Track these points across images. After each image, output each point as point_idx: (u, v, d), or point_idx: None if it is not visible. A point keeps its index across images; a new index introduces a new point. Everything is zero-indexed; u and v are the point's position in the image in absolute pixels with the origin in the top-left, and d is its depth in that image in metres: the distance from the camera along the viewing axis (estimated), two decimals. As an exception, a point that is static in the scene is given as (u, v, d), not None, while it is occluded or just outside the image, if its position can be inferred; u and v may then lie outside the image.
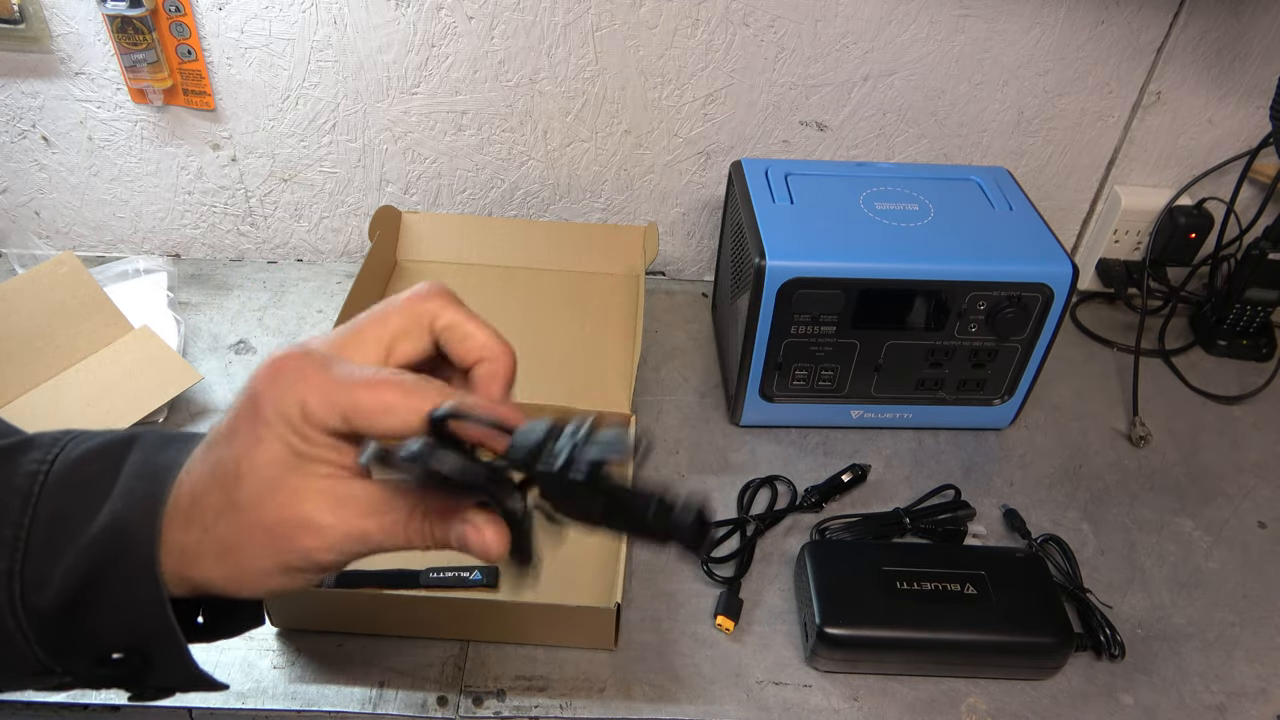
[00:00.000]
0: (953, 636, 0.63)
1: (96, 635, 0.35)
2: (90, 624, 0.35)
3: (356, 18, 0.85)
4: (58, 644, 0.35)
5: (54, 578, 0.34)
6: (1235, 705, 0.65)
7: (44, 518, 0.35)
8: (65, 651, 0.36)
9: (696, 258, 1.04)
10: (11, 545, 0.34)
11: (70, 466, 0.36)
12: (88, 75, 0.88)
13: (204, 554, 0.35)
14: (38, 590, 0.34)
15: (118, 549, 0.34)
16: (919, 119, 0.93)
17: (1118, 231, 0.99)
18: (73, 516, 0.35)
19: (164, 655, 0.36)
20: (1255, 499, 0.81)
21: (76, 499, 0.35)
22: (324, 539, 0.34)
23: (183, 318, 0.91)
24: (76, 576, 0.34)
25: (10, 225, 0.99)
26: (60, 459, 0.36)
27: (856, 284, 0.73)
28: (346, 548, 0.35)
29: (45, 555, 0.34)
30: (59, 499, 0.35)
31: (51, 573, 0.34)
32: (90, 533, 0.34)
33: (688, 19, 0.86)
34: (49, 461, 0.36)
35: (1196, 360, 0.96)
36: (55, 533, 0.35)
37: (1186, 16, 0.86)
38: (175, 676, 0.37)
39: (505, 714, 0.61)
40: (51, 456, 0.36)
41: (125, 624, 0.35)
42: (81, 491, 0.35)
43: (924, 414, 0.83)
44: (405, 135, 0.93)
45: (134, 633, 0.35)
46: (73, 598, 0.34)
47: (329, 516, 0.34)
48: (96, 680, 0.37)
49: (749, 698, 0.63)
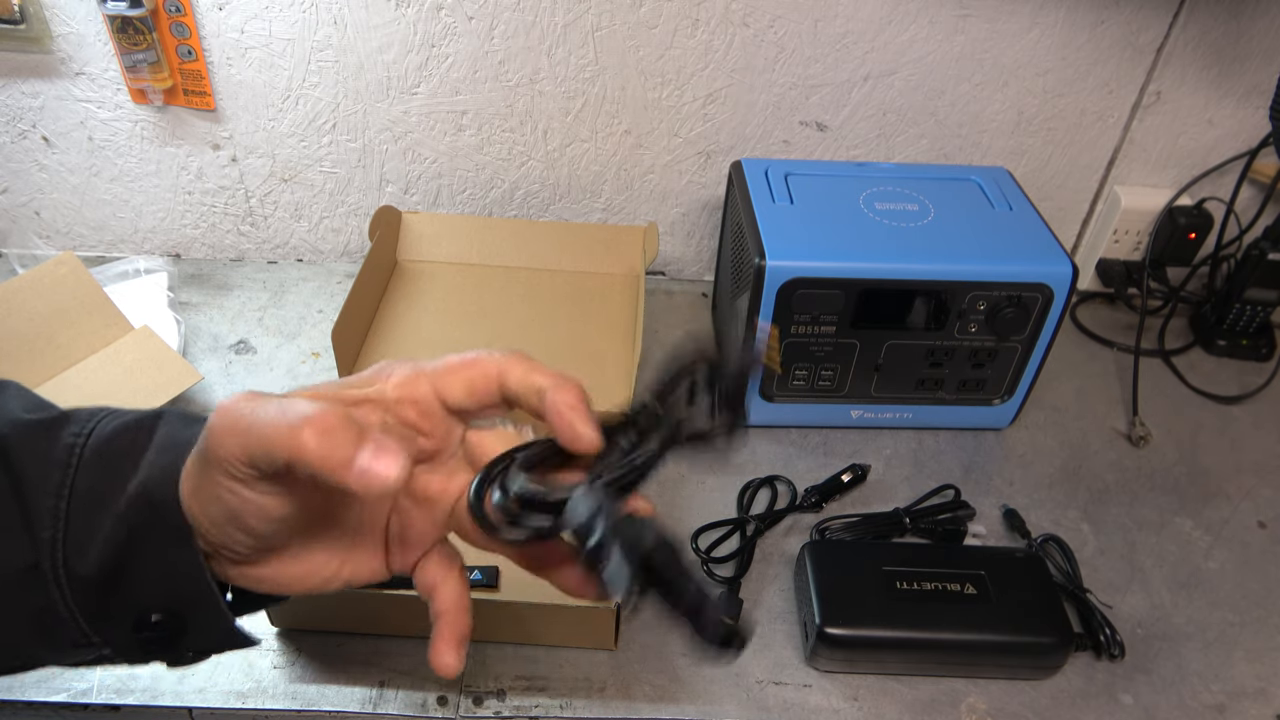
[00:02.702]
0: (953, 636, 0.63)
1: (136, 599, 0.37)
2: (130, 588, 0.36)
3: (356, 18, 0.85)
4: (99, 610, 0.37)
5: (94, 545, 0.36)
6: (1235, 705, 0.65)
7: (82, 488, 0.36)
8: (105, 618, 0.37)
9: (696, 258, 1.04)
10: (53, 514, 0.36)
11: (105, 440, 0.37)
12: (88, 75, 0.88)
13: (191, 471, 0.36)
14: (79, 557, 0.36)
15: (150, 516, 0.35)
16: (919, 119, 0.93)
17: (1118, 231, 0.99)
18: (108, 487, 0.36)
19: (200, 615, 0.37)
20: (1255, 499, 0.81)
21: (111, 470, 0.36)
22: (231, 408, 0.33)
23: (183, 318, 0.91)
24: (115, 544, 0.35)
25: (10, 225, 0.99)
26: (95, 432, 0.38)
27: (856, 284, 0.73)
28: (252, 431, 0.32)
29: (85, 524, 0.36)
30: (96, 470, 0.37)
31: (92, 540, 0.36)
32: (124, 501, 0.36)
33: (688, 19, 0.86)
34: (85, 435, 0.37)
35: (1196, 360, 0.96)
36: (93, 502, 0.36)
37: (1186, 16, 0.86)
38: (211, 636, 0.39)
39: (505, 714, 0.61)
40: (88, 430, 0.38)
41: (163, 586, 0.37)
42: (117, 462, 0.37)
43: (924, 414, 0.83)
44: (405, 135, 0.93)
45: (172, 594, 0.37)
46: (113, 564, 0.36)
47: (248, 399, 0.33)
48: (134, 649, 0.38)
49: (749, 698, 0.63)
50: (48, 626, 0.37)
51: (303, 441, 0.31)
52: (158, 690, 0.61)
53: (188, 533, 0.35)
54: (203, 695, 0.61)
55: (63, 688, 0.61)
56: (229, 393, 0.84)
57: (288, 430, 0.31)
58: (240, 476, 0.32)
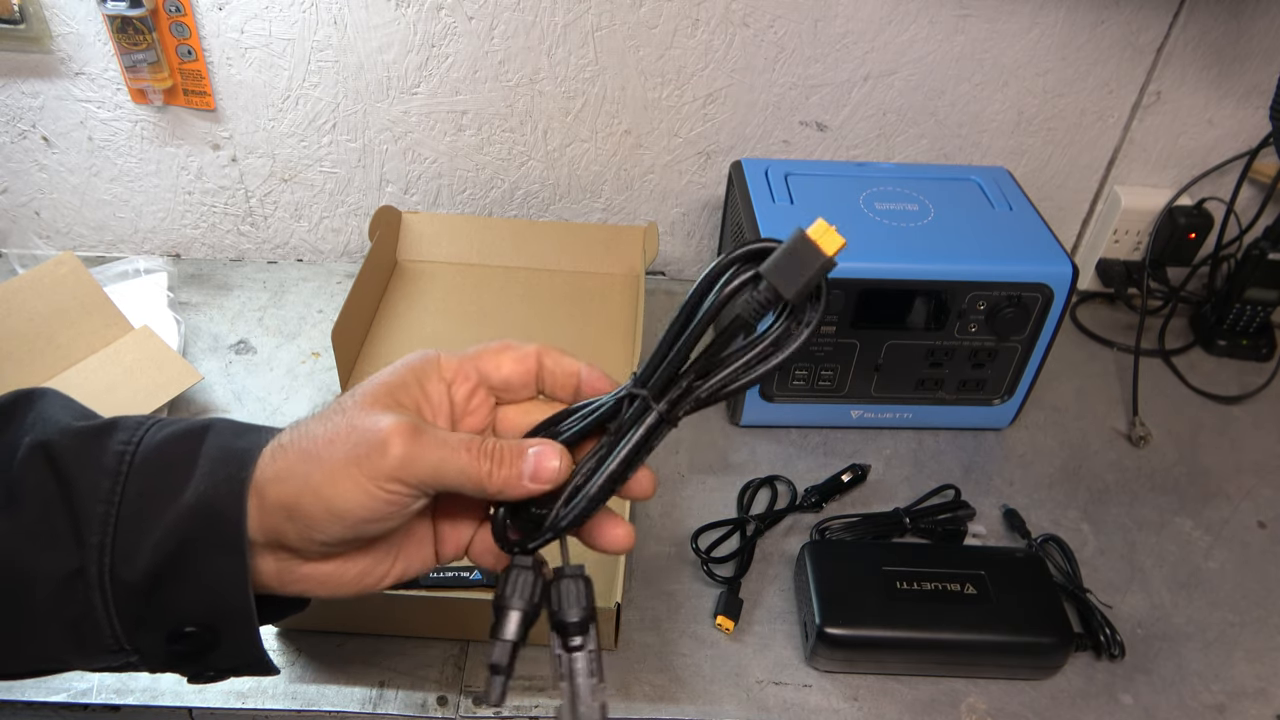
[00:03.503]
0: (953, 636, 0.63)
1: (176, 609, 0.37)
2: (172, 598, 0.37)
3: (356, 18, 0.85)
4: (137, 617, 0.37)
5: (143, 553, 0.36)
6: (1235, 705, 0.65)
7: (132, 495, 0.37)
8: (142, 625, 0.37)
9: (696, 258, 1.04)
10: (103, 520, 0.36)
11: (155, 448, 0.38)
12: (88, 75, 0.88)
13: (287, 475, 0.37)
14: (126, 563, 0.36)
15: (206, 527, 0.36)
16: (919, 119, 0.93)
17: (1118, 231, 0.99)
18: (159, 495, 0.37)
19: (233, 632, 0.38)
20: (1255, 499, 0.81)
21: (161, 479, 0.37)
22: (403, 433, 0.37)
23: (183, 318, 0.91)
24: (165, 552, 0.36)
25: (10, 225, 0.99)
26: (145, 440, 0.38)
27: (856, 284, 0.73)
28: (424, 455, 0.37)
29: (134, 531, 0.36)
30: (145, 478, 0.37)
31: (140, 548, 0.36)
32: (177, 510, 0.36)
33: (688, 19, 0.86)
34: (134, 444, 0.38)
35: (1196, 360, 0.96)
36: (143, 510, 0.37)
37: (1186, 16, 0.86)
38: (238, 656, 0.39)
39: (505, 714, 0.61)
40: (137, 439, 0.38)
41: (205, 597, 0.37)
42: (166, 472, 0.37)
43: (924, 414, 0.83)
44: (405, 135, 0.93)
45: (211, 608, 0.37)
46: (160, 572, 0.36)
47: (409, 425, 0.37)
48: (161, 659, 0.39)
49: (749, 698, 0.63)
50: (83, 632, 0.37)
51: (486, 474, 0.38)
52: (158, 690, 0.61)
53: (241, 545, 0.36)
54: (203, 695, 0.61)
55: (62, 688, 0.61)
56: (229, 393, 0.84)
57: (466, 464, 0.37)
58: (393, 492, 0.36)
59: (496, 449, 0.38)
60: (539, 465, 0.38)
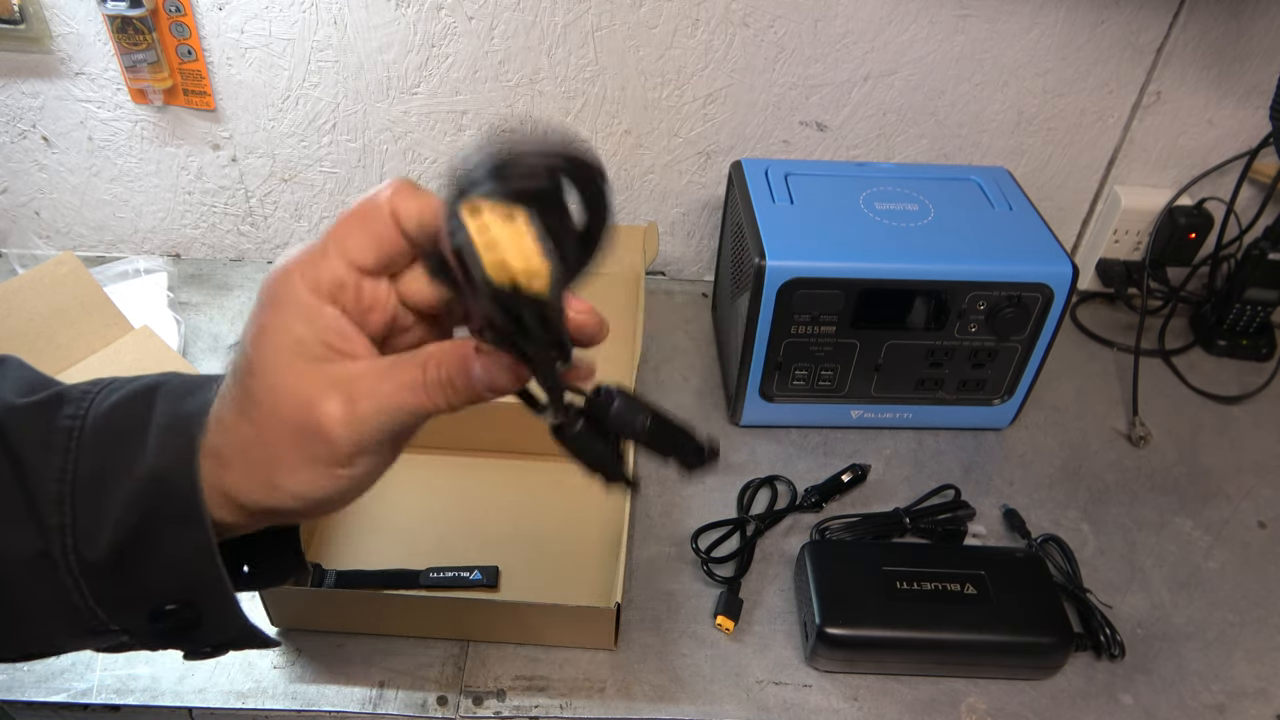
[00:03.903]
0: (953, 636, 0.63)
1: (148, 586, 0.36)
2: (141, 575, 0.36)
3: (356, 18, 0.85)
4: (112, 598, 0.36)
5: (104, 531, 0.35)
6: (1235, 705, 0.65)
7: (85, 473, 0.36)
8: (119, 606, 0.37)
9: (696, 258, 1.04)
10: (57, 501, 0.35)
11: (103, 418, 0.37)
12: (88, 75, 0.88)
13: (232, 461, 0.35)
14: (88, 543, 0.35)
15: (161, 500, 0.35)
16: (919, 119, 0.93)
17: (1118, 231, 0.99)
18: (112, 469, 0.36)
19: (213, 605, 0.37)
20: (1255, 499, 0.81)
21: (112, 452, 0.36)
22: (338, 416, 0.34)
23: (183, 318, 0.91)
24: (126, 528, 0.35)
25: (10, 225, 0.99)
26: (91, 411, 0.37)
27: (856, 284, 0.73)
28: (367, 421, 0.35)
29: (92, 509, 0.35)
30: (95, 453, 0.36)
31: (100, 526, 0.35)
32: (132, 485, 0.35)
33: (688, 19, 0.86)
34: (81, 416, 0.37)
35: (1196, 360, 0.96)
36: (98, 486, 0.36)
37: (1186, 16, 0.86)
38: (226, 630, 0.38)
39: (505, 714, 0.61)
40: (83, 411, 0.37)
41: (175, 573, 0.36)
42: (116, 444, 0.36)
43: (924, 414, 0.83)
44: (405, 135, 0.93)
45: (184, 582, 0.36)
46: (123, 550, 0.35)
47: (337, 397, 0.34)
48: (152, 637, 0.38)
49: (749, 698, 0.63)
50: (65, 614, 0.36)
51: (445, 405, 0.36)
52: (158, 690, 0.61)
53: (200, 516, 0.35)
54: (202, 695, 0.61)
55: (62, 688, 0.61)
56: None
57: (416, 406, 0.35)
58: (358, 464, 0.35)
59: (442, 376, 0.35)
60: (493, 374, 0.35)
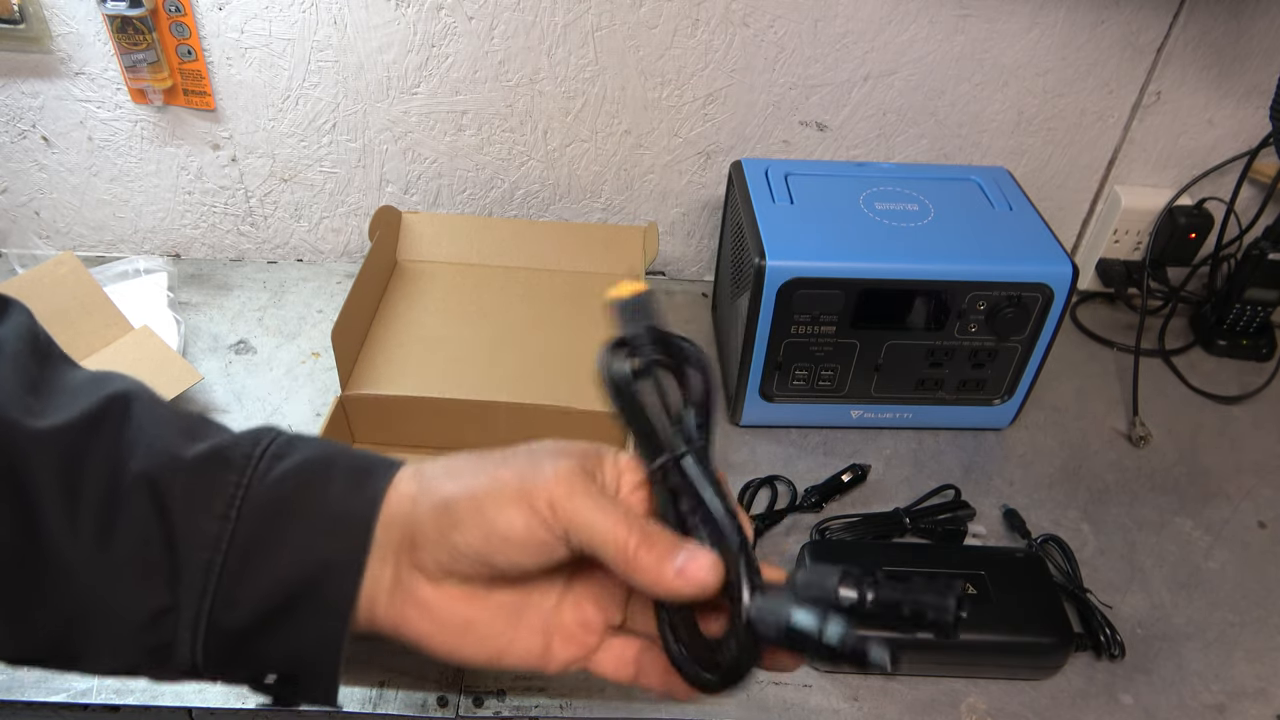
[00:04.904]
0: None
1: (267, 658, 0.36)
2: (264, 648, 0.36)
3: (356, 18, 0.85)
4: (225, 660, 0.36)
5: (247, 601, 0.35)
6: (1235, 705, 0.65)
7: (240, 542, 0.35)
8: (227, 665, 0.36)
9: (696, 258, 1.04)
10: (206, 567, 0.35)
11: (268, 492, 0.36)
12: (88, 75, 0.88)
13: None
14: (228, 610, 0.35)
15: (316, 588, 0.35)
16: (919, 119, 0.93)
17: (1118, 231, 0.99)
18: (270, 546, 0.35)
19: (313, 683, 0.37)
20: (1255, 499, 0.81)
21: (273, 529, 0.36)
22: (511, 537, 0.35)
23: (183, 318, 0.91)
24: (270, 606, 0.35)
25: (10, 225, 0.99)
26: (255, 482, 0.36)
27: (856, 284, 0.73)
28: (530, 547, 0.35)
29: (238, 579, 0.35)
30: (255, 526, 0.36)
31: (244, 596, 0.35)
32: (289, 566, 0.35)
33: (688, 19, 0.86)
34: (245, 485, 0.36)
35: (1196, 360, 0.96)
36: (250, 557, 0.35)
37: (1186, 16, 0.86)
38: (313, 700, 0.38)
39: (505, 714, 0.61)
40: (247, 480, 0.36)
41: (299, 653, 0.36)
42: (280, 521, 0.36)
43: (924, 414, 0.83)
44: (405, 135, 0.93)
45: (301, 661, 0.36)
46: (258, 624, 0.35)
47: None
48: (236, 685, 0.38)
49: (749, 698, 0.63)
50: (162, 657, 0.36)
51: (633, 547, 0.35)
52: (157, 690, 0.61)
53: (348, 612, 0.35)
54: (202, 695, 0.61)
55: (62, 688, 0.61)
56: (229, 393, 0.84)
57: (616, 526, 0.35)
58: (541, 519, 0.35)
59: (651, 529, 0.35)
60: (690, 564, 0.35)
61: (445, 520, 0.35)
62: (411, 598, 0.36)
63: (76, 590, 0.35)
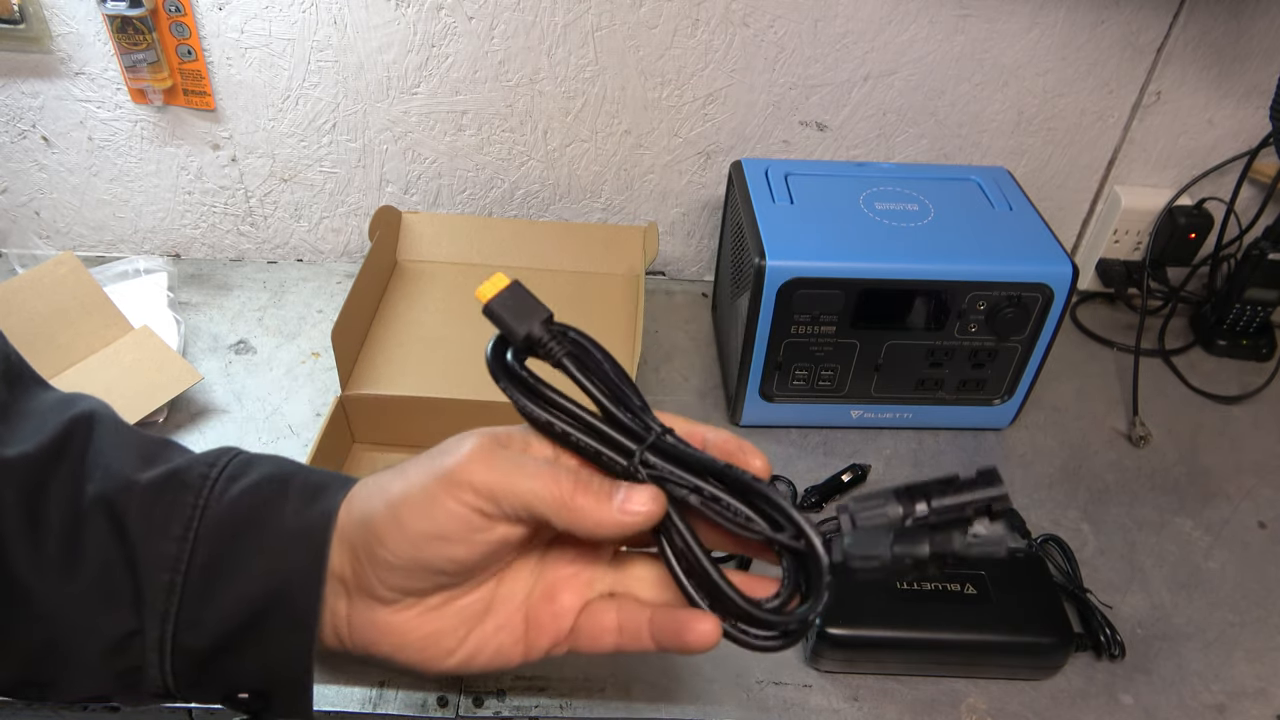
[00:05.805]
0: (953, 636, 0.63)
1: (236, 676, 0.36)
2: (233, 666, 0.36)
3: (356, 18, 0.85)
4: (194, 680, 0.36)
5: (209, 621, 0.35)
6: (1235, 705, 0.65)
7: (200, 562, 0.35)
8: (196, 686, 0.37)
9: (696, 258, 1.04)
10: (168, 589, 0.35)
11: (225, 512, 0.36)
12: (88, 75, 0.88)
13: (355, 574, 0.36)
14: (192, 630, 0.35)
15: (278, 604, 0.35)
16: (919, 119, 0.93)
17: (1118, 231, 0.99)
18: (230, 563, 0.36)
19: (286, 700, 0.37)
20: (1255, 499, 0.81)
21: (231, 549, 0.36)
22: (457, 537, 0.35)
23: (183, 318, 0.91)
24: (233, 625, 0.35)
25: (10, 225, 0.99)
26: (211, 503, 0.36)
27: (856, 284, 0.73)
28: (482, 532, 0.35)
29: (200, 599, 0.35)
30: (215, 545, 0.36)
31: (206, 616, 0.35)
32: (249, 585, 0.35)
33: (688, 19, 0.86)
34: (201, 506, 0.36)
35: (1196, 360, 0.96)
36: (211, 578, 0.35)
37: (1186, 16, 0.86)
38: (287, 715, 0.38)
39: (505, 714, 0.61)
40: (203, 501, 0.36)
41: (267, 670, 0.36)
42: (238, 540, 0.36)
43: (924, 414, 0.83)
44: (405, 135, 0.93)
45: (271, 678, 0.37)
46: (225, 643, 0.35)
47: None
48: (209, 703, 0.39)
49: (749, 698, 0.63)
50: (132, 681, 0.36)
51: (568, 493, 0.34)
52: (158, 690, 0.61)
53: (312, 624, 0.35)
54: (203, 695, 0.61)
55: (63, 688, 0.61)
56: (229, 393, 0.84)
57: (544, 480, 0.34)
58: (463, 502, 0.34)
59: (584, 474, 0.35)
60: (632, 494, 0.35)
61: (369, 537, 0.35)
62: (369, 621, 0.36)
63: (44, 617, 0.35)
